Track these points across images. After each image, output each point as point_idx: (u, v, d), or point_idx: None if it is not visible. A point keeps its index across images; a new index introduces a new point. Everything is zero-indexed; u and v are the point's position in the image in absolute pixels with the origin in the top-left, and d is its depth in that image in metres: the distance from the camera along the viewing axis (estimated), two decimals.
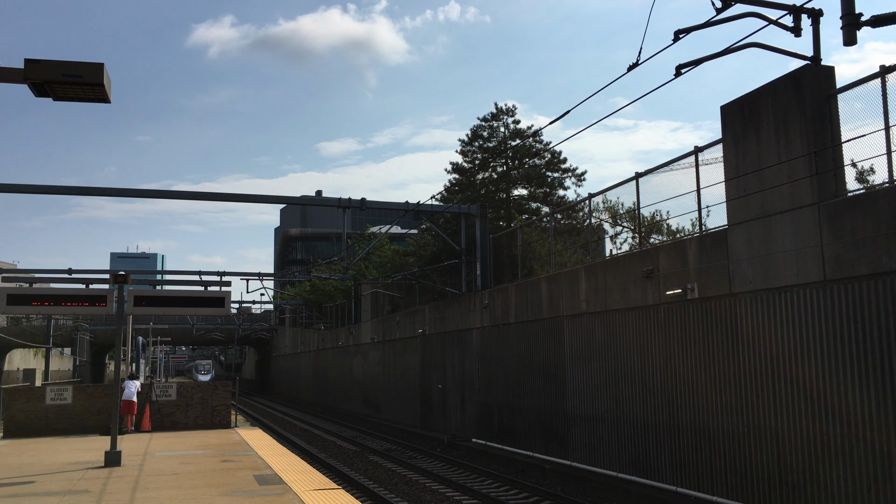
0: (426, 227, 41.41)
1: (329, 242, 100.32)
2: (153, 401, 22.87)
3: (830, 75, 12.30)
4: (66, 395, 22.11)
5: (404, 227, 56.03)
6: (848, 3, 11.05)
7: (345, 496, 11.13)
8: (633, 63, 11.52)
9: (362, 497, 17.36)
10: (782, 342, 12.35)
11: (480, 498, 17.08)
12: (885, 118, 11.10)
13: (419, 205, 28.20)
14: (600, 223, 22.04)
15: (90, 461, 15.35)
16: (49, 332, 54.05)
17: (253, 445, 17.94)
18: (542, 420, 20.32)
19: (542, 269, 24.00)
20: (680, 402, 14.82)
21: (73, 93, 7.79)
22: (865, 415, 10.87)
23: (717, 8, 11.43)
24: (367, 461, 23.91)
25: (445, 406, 28.25)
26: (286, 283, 76.22)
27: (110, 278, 15.84)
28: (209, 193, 29.12)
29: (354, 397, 43.20)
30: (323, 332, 54.04)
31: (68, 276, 39.93)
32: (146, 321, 64.97)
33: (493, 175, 38.18)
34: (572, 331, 18.91)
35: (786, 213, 12.41)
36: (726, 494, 13.53)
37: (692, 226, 17.01)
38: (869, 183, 12.33)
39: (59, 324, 66.24)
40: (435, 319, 29.70)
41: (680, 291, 14.77)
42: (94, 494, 11.55)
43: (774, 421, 12.49)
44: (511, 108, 38.92)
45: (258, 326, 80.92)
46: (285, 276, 71.68)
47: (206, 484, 12.33)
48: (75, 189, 27.06)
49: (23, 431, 21.33)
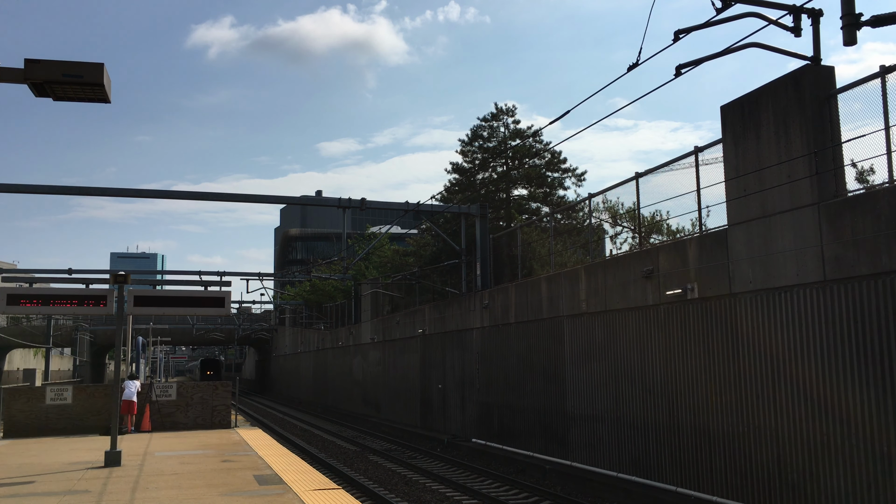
0: (426, 228, 41.42)
1: (329, 242, 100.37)
2: (153, 401, 22.87)
3: (830, 75, 12.30)
4: (66, 395, 22.11)
5: (404, 228, 56.07)
6: (848, 3, 11.04)
7: (345, 496, 11.13)
8: (633, 63, 11.52)
9: (362, 497, 17.36)
10: (782, 342, 12.35)
11: (480, 498, 17.08)
12: (885, 118, 11.10)
13: (419, 205, 28.20)
14: (600, 223, 22.05)
15: (90, 461, 15.35)
16: (49, 332, 54.07)
17: (253, 445, 17.94)
18: (543, 420, 20.32)
19: (541, 269, 24.00)
20: (680, 402, 14.82)
21: (72, 93, 7.79)
22: (865, 415, 10.87)
23: (717, 8, 11.43)
24: (367, 461, 23.91)
25: (445, 406, 28.25)
26: (286, 283, 76.25)
27: (110, 278, 15.84)
28: (209, 193, 29.13)
29: (354, 397, 43.20)
30: (323, 332, 54.04)
31: (68, 276, 39.94)
32: (146, 321, 64.99)
33: (493, 175, 38.19)
34: (572, 331, 18.90)
35: (786, 214, 12.41)
36: (726, 494, 13.52)
37: (692, 226, 17.02)
38: (869, 183, 12.33)
39: (59, 324, 66.26)
40: (435, 319, 29.70)
41: (680, 291, 14.77)
42: (94, 494, 11.54)
43: (774, 421, 12.49)
44: (511, 108, 38.95)
45: (258, 326, 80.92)
46: (285, 276, 71.71)
47: (206, 484, 12.33)
48: (75, 189, 27.06)
49: (23, 431, 21.32)
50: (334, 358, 49.14)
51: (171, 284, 46.73)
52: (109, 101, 8.06)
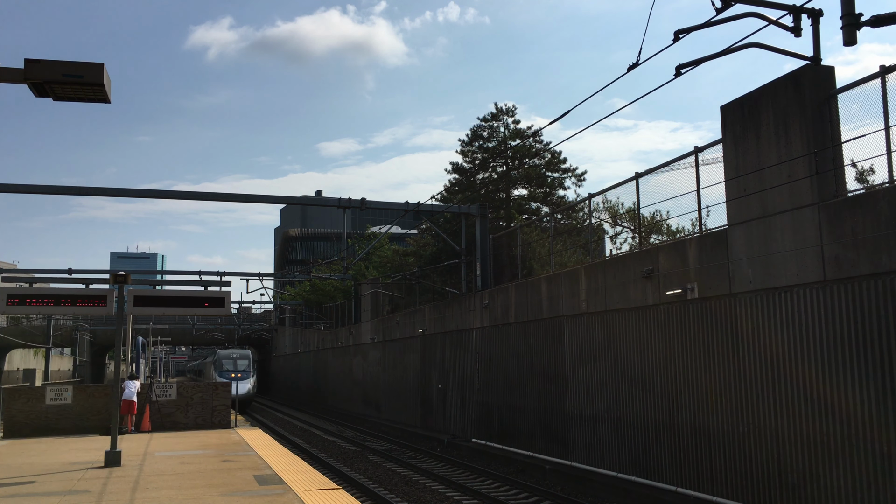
0: (426, 228, 41.41)
1: (329, 242, 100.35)
2: (153, 401, 22.88)
3: (830, 75, 12.30)
4: (66, 395, 22.11)
5: (404, 228, 56.06)
6: (848, 3, 11.04)
7: (345, 496, 11.13)
8: (633, 63, 11.52)
9: (362, 497, 17.35)
10: (782, 342, 12.35)
11: (480, 498, 17.08)
12: (885, 118, 11.10)
13: (419, 205, 28.20)
14: (600, 223, 22.04)
15: (90, 461, 15.35)
16: (49, 332, 54.08)
17: (253, 445, 17.94)
18: (543, 420, 20.31)
19: (541, 269, 24.00)
20: (680, 402, 14.82)
21: (72, 93, 7.78)
22: (865, 415, 10.87)
23: (717, 8, 11.42)
24: (367, 461, 23.91)
25: (445, 406, 28.24)
26: (286, 283, 76.24)
27: (110, 278, 15.85)
28: (209, 193, 29.13)
29: (354, 397, 43.19)
30: (323, 333, 54.03)
31: (68, 276, 39.93)
32: (146, 321, 64.96)
33: (493, 175, 38.19)
34: (572, 331, 18.90)
35: (786, 213, 12.41)
36: (726, 494, 13.52)
37: (692, 226, 17.01)
38: (869, 183, 12.32)
39: (59, 324, 66.20)
40: (435, 319, 29.70)
41: (680, 291, 14.77)
42: (93, 494, 11.54)
43: (774, 421, 12.48)
44: (511, 108, 38.94)
45: (258, 326, 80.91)
46: (285, 276, 71.67)
47: (206, 484, 12.33)
48: (75, 189, 27.06)
49: (23, 431, 21.33)
50: (334, 358, 49.13)
51: (170, 284, 46.72)
52: (109, 102, 8.05)
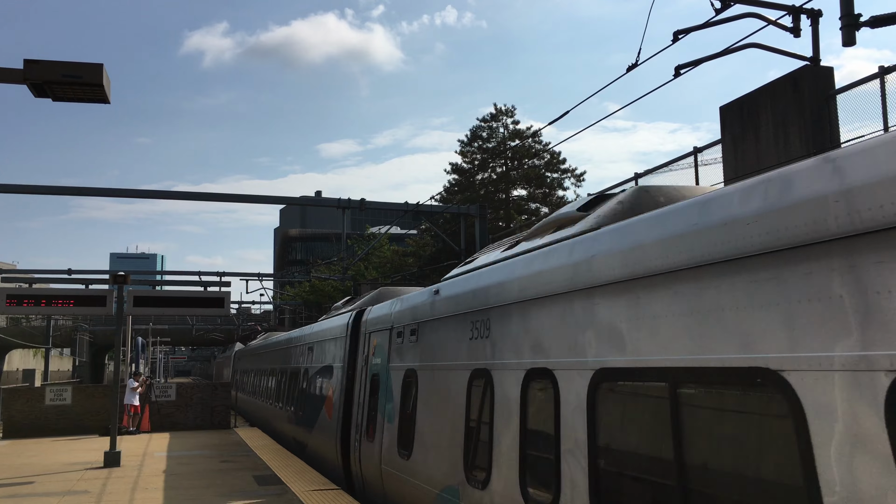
0: (426, 228, 41.43)
1: (329, 243, 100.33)
2: (153, 401, 22.87)
3: (830, 76, 12.30)
4: (66, 395, 22.11)
5: (404, 228, 56.00)
6: (847, 4, 11.05)
7: (344, 496, 11.13)
8: (632, 63, 11.52)
9: None
10: None
11: None
12: (885, 119, 11.11)
13: (419, 205, 28.19)
14: None
15: (90, 461, 15.35)
16: (49, 333, 53.98)
17: (252, 446, 17.94)
18: None
19: None
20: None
21: (72, 93, 7.78)
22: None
23: (717, 8, 11.43)
24: None
25: None
26: (286, 283, 76.22)
27: (110, 279, 15.86)
28: (209, 194, 29.15)
29: None
30: None
31: (68, 276, 39.92)
32: (146, 321, 64.93)
33: (493, 175, 38.21)
34: None
35: None
36: None
37: None
38: None
39: (58, 324, 66.17)
40: None
41: None
42: (93, 495, 11.55)
43: None
44: (510, 109, 38.94)
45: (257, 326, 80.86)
46: (285, 277, 71.71)
47: (206, 484, 12.33)
48: (75, 189, 27.04)
49: (22, 432, 21.32)
50: None
51: (170, 285, 46.78)
52: (109, 102, 8.04)
